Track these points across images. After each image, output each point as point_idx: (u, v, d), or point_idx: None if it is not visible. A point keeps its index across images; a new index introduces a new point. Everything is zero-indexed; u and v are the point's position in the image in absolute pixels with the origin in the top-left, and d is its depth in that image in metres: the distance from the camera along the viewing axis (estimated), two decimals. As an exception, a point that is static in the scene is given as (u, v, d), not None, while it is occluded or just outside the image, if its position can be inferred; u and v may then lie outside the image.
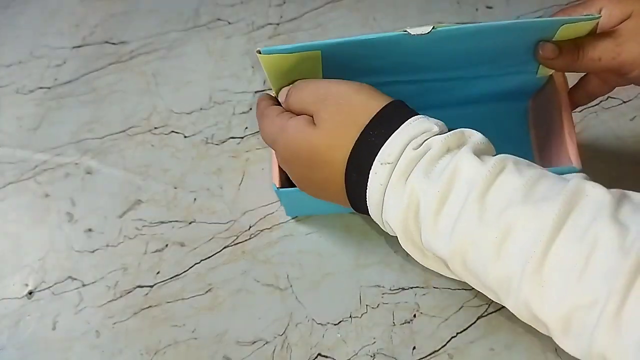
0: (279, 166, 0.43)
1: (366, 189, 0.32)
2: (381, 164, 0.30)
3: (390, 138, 0.31)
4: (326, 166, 0.33)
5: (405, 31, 0.38)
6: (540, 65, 0.44)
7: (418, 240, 0.32)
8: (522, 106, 0.51)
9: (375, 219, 0.34)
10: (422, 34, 0.37)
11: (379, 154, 0.31)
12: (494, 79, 0.46)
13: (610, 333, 0.24)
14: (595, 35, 0.38)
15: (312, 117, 0.35)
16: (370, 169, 0.31)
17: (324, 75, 0.42)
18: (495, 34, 0.40)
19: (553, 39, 0.40)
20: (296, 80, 0.39)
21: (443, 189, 0.29)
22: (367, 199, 0.32)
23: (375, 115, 0.32)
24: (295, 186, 0.40)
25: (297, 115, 0.36)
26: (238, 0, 0.71)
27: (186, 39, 0.67)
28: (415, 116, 0.32)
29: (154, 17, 0.69)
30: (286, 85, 0.41)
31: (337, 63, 0.41)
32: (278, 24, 0.68)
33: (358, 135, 0.32)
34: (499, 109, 0.50)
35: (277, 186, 0.43)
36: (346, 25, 0.68)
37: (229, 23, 0.68)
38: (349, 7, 0.70)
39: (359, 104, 0.33)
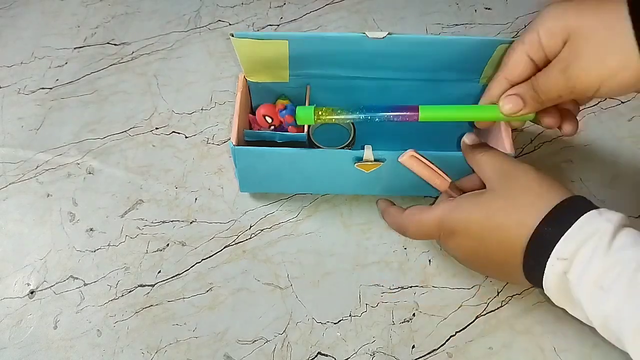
0: (238, 127, 0.46)
1: (543, 272, 0.35)
2: (557, 259, 0.33)
3: (565, 235, 0.33)
4: (506, 240, 0.37)
5: (364, 34, 0.44)
6: (482, 74, 0.50)
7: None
8: None
9: (554, 299, 0.37)
10: (378, 38, 0.44)
11: (555, 249, 0.33)
12: (443, 84, 0.52)
13: None
14: (546, 73, 0.37)
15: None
16: (547, 259, 0.34)
17: (290, 64, 0.48)
18: (443, 45, 0.46)
19: (490, 57, 0.46)
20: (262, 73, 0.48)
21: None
22: (543, 282, 0.35)
23: (554, 207, 0.35)
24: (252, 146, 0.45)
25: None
26: (239, 1, 0.71)
27: (187, 40, 0.67)
28: (589, 212, 0.34)
29: (156, 19, 0.69)
30: (255, 68, 0.48)
31: (303, 54, 0.47)
32: (278, 25, 0.68)
33: (535, 227, 0.35)
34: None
35: (234, 144, 0.45)
36: (346, 27, 0.69)
37: (230, 24, 0.69)
38: (349, 8, 0.71)
39: (541, 191, 0.37)
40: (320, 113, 0.43)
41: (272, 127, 0.53)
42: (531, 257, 0.35)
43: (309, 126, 0.52)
